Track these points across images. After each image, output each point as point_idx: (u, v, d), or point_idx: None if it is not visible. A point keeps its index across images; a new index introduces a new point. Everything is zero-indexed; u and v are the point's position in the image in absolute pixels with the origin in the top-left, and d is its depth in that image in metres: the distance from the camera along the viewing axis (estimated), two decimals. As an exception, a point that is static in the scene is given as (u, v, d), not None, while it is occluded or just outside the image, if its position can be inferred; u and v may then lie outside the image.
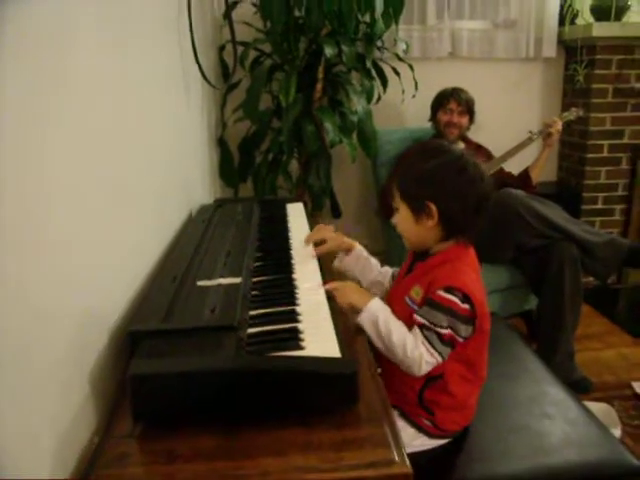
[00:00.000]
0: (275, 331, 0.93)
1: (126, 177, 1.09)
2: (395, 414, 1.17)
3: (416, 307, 1.09)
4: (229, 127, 2.56)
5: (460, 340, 1.07)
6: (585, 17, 2.87)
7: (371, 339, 1.08)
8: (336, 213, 2.97)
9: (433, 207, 1.08)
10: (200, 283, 1.08)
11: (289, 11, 2.28)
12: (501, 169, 2.59)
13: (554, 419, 1.25)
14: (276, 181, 2.56)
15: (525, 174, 2.57)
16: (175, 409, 0.79)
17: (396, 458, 0.72)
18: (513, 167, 2.63)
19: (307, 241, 1.36)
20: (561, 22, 2.95)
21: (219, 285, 1.07)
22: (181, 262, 1.19)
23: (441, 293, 1.05)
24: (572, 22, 2.91)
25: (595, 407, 1.80)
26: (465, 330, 1.06)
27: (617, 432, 1.71)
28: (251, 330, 0.93)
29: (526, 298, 2.36)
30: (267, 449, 0.74)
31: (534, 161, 2.57)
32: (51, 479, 0.70)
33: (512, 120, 3.02)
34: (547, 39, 2.96)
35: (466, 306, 1.05)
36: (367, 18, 2.39)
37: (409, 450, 1.16)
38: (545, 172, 3.16)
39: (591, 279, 2.44)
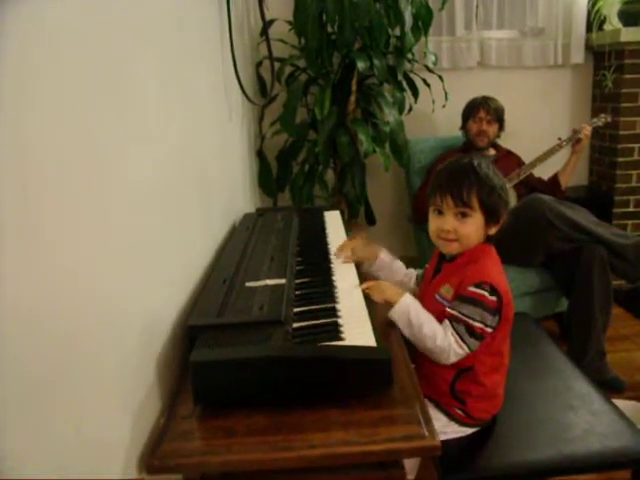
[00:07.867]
0: (318, 325, 1.04)
1: (179, 193, 1.22)
2: (429, 405, 1.26)
3: (446, 303, 1.19)
4: (267, 140, 2.69)
5: (489, 331, 1.16)
6: (613, 22, 2.87)
7: (402, 331, 1.18)
8: (371, 220, 3.07)
9: (505, 216, 1.21)
10: (248, 284, 1.19)
11: (322, 27, 2.40)
12: (531, 175, 2.63)
13: (578, 411, 1.31)
14: (313, 190, 2.67)
15: (554, 179, 2.61)
16: (230, 392, 0.90)
17: (426, 433, 0.82)
18: (543, 173, 2.68)
19: (339, 252, 1.44)
20: (589, 28, 2.97)
21: (265, 286, 1.18)
22: (229, 266, 1.31)
23: (472, 288, 1.15)
24: (600, 28, 2.92)
25: (623, 404, 1.85)
26: (492, 320, 1.16)
27: (646, 428, 1.76)
28: (296, 325, 1.04)
29: (557, 301, 2.40)
30: (313, 426, 0.85)
31: (563, 166, 2.61)
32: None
33: (542, 126, 3.06)
34: (575, 46, 2.99)
35: (494, 298, 1.15)
36: (397, 32, 2.50)
37: (442, 437, 1.26)
38: (576, 177, 3.20)
39: (623, 282, 2.47)
